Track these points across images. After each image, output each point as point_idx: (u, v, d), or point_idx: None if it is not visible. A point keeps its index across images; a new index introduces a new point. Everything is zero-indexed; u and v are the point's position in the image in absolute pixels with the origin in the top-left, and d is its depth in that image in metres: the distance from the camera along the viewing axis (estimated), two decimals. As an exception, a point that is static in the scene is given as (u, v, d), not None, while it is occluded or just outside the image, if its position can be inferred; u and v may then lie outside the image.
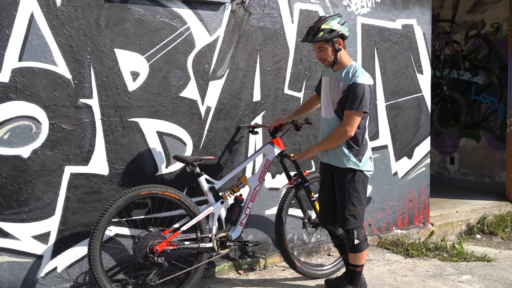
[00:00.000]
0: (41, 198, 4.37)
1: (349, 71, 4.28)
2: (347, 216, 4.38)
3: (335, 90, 4.34)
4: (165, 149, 4.90)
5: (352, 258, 4.53)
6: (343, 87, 4.26)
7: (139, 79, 4.72)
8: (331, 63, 4.33)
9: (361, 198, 4.42)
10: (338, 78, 4.32)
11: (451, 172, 9.54)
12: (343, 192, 4.40)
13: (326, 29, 4.21)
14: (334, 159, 4.43)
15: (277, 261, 5.53)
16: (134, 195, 4.35)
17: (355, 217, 4.40)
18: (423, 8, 6.53)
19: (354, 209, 4.38)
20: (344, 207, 4.39)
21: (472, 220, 7.17)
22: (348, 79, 4.24)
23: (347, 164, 4.36)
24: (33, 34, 4.25)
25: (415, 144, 6.63)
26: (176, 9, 4.85)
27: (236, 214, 4.81)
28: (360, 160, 4.37)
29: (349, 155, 4.35)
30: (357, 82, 4.20)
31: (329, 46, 4.25)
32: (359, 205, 4.40)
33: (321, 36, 4.20)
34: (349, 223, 4.40)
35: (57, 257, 4.48)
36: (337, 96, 4.33)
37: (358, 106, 4.19)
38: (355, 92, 4.19)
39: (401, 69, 6.41)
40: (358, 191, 4.39)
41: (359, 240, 4.43)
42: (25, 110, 4.25)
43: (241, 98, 5.27)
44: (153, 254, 4.33)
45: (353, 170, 4.37)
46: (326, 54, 4.28)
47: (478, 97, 8.97)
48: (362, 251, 4.49)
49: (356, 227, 4.42)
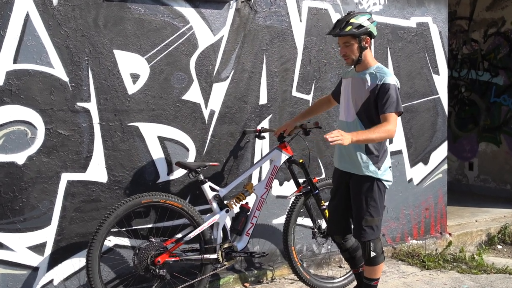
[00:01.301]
0: (37, 207, 4.40)
1: (375, 72, 4.23)
2: (364, 227, 4.33)
3: (360, 91, 4.26)
4: (167, 155, 4.93)
5: (367, 271, 4.49)
6: (371, 87, 4.19)
7: (139, 81, 4.76)
8: (354, 61, 4.26)
9: (379, 208, 4.34)
10: (363, 78, 4.25)
11: (469, 178, 9.53)
12: (360, 201, 4.33)
13: (355, 23, 4.15)
14: (351, 166, 4.36)
15: (285, 273, 5.54)
16: (135, 204, 4.38)
17: (372, 228, 4.34)
18: (439, 5, 6.55)
19: (371, 219, 4.32)
20: (361, 218, 4.33)
21: (493, 230, 7.16)
22: (376, 79, 4.18)
23: (365, 171, 4.28)
24: (29, 35, 4.29)
25: (431, 149, 6.64)
26: (178, 8, 4.89)
27: (242, 223, 4.83)
28: (379, 168, 4.29)
29: (368, 162, 4.27)
30: (388, 82, 4.15)
31: (355, 42, 4.19)
32: (377, 215, 4.33)
33: (349, 30, 4.14)
34: (366, 234, 4.34)
35: (54, 269, 4.51)
36: (362, 97, 4.24)
37: (396, 107, 4.14)
38: (390, 94, 4.13)
39: (416, 69, 6.42)
40: (376, 200, 4.31)
41: (375, 253, 4.37)
42: (20, 115, 4.29)
43: (246, 101, 5.30)
44: (155, 265, 4.36)
45: (371, 179, 4.29)
46: (351, 51, 4.22)
47: (498, 99, 8.96)
48: (379, 264, 4.44)
49: (373, 239, 4.37)
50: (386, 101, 4.12)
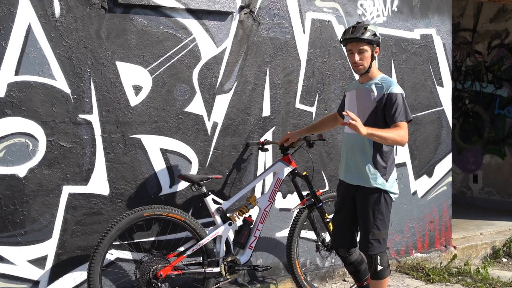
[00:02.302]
0: (38, 219, 4.37)
1: (381, 82, 4.25)
2: (371, 240, 4.28)
3: (366, 102, 4.27)
4: (169, 167, 4.91)
5: (373, 286, 4.43)
6: (378, 97, 4.20)
7: (141, 93, 4.74)
8: (365, 69, 4.24)
9: (386, 221, 4.30)
10: (369, 89, 4.25)
11: (474, 191, 9.48)
12: (367, 214, 4.28)
13: (372, 30, 4.19)
14: (358, 178, 4.30)
15: (288, 287, 5.49)
16: (137, 217, 4.36)
17: (379, 242, 4.29)
18: (443, 16, 6.54)
19: (378, 233, 4.28)
20: (368, 231, 4.27)
21: (498, 243, 7.11)
22: (383, 89, 4.19)
23: (373, 183, 4.23)
24: (31, 46, 4.28)
25: (435, 161, 6.61)
26: (181, 20, 4.88)
27: (245, 236, 4.80)
28: (386, 180, 4.26)
29: (376, 174, 4.23)
30: (395, 92, 4.17)
31: (370, 49, 4.20)
32: (384, 228, 4.29)
33: (368, 36, 4.16)
34: (373, 247, 4.29)
35: (55, 282, 4.47)
36: (369, 107, 4.24)
37: (406, 115, 4.18)
38: (398, 103, 4.15)
39: (420, 81, 6.40)
40: (383, 213, 4.26)
41: (382, 266, 4.32)
42: (21, 127, 4.27)
43: (249, 113, 5.28)
44: (157, 279, 4.32)
45: (379, 191, 4.25)
46: (365, 58, 4.21)
47: (502, 111, 8.93)
48: (385, 278, 4.38)
49: (380, 252, 4.32)
50: (395, 111, 4.13)
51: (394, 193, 4.33)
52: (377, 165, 4.24)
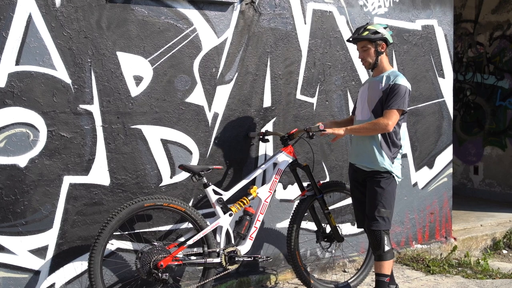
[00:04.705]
0: (39, 210, 4.38)
1: (390, 75, 4.60)
2: (377, 216, 4.57)
3: (375, 91, 4.63)
4: (170, 158, 4.91)
5: (379, 267, 4.63)
6: (384, 87, 4.56)
7: (142, 83, 4.74)
8: (371, 65, 4.65)
9: (391, 202, 4.63)
10: (378, 81, 4.63)
11: (475, 183, 9.49)
12: (374, 192, 4.60)
13: (371, 29, 4.59)
14: (367, 161, 4.63)
15: (288, 277, 5.51)
16: (138, 207, 4.36)
17: (384, 219, 4.58)
18: (445, 7, 6.52)
19: (384, 211, 4.57)
20: (374, 207, 4.57)
21: (498, 234, 7.13)
22: (389, 81, 4.56)
23: (381, 164, 4.57)
24: (31, 36, 4.28)
25: (436, 153, 6.61)
26: (181, 10, 4.87)
27: (245, 227, 4.80)
28: (393, 163, 4.63)
29: (384, 156, 4.58)
30: (399, 83, 4.52)
31: (372, 46, 4.59)
32: (389, 207, 4.60)
33: (366, 35, 4.56)
34: (379, 224, 4.56)
35: (56, 272, 4.49)
36: (376, 96, 4.60)
37: (398, 104, 4.49)
38: (397, 92, 4.50)
39: (421, 72, 6.40)
40: (389, 193, 4.60)
41: (389, 247, 4.58)
42: (22, 117, 4.27)
43: (250, 104, 5.28)
44: (157, 269, 4.33)
45: (386, 172, 4.60)
46: (368, 54, 4.61)
47: (503, 102, 8.93)
48: (391, 259, 4.63)
49: (384, 230, 4.58)
50: (391, 98, 4.51)
51: (398, 176, 4.66)
52: (384, 149, 4.60)
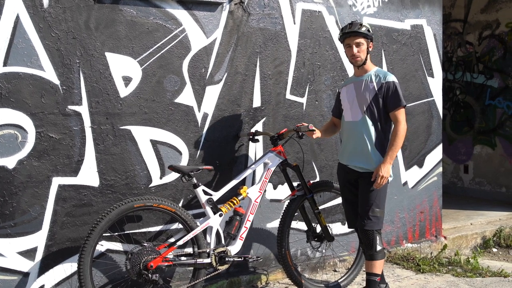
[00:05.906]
0: (27, 211, 4.36)
1: (377, 73, 4.67)
2: (370, 216, 4.61)
3: (365, 91, 4.65)
4: (160, 158, 4.90)
5: (370, 266, 4.67)
6: (377, 85, 4.61)
7: (131, 84, 4.73)
8: (362, 61, 4.65)
9: (384, 202, 4.69)
10: (367, 80, 4.67)
11: (465, 181, 9.53)
12: (368, 193, 4.62)
13: (367, 26, 4.66)
14: (363, 161, 4.66)
15: (279, 277, 5.52)
16: (127, 208, 4.35)
17: (378, 219, 4.62)
18: (434, 7, 6.55)
19: (378, 210, 4.62)
20: (368, 207, 4.61)
21: (488, 233, 7.16)
22: (380, 79, 4.62)
23: (376, 164, 4.59)
24: (19, 37, 4.26)
25: (426, 152, 6.64)
26: (170, 10, 4.87)
27: (235, 227, 4.80)
28: None
29: (378, 156, 4.62)
30: (392, 80, 4.61)
31: (366, 43, 4.64)
32: (382, 207, 4.66)
33: (364, 30, 4.59)
34: (372, 223, 4.60)
35: (45, 274, 4.47)
36: (369, 95, 4.63)
37: (401, 101, 4.58)
38: (395, 90, 4.58)
39: (410, 72, 6.42)
40: (382, 192, 4.65)
41: (380, 246, 4.63)
42: (10, 118, 4.26)
43: (240, 104, 5.28)
44: (147, 270, 4.32)
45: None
46: (362, 51, 4.63)
47: (493, 101, 8.97)
48: (382, 259, 4.69)
49: (377, 230, 4.62)
50: (391, 98, 4.57)
51: (390, 175, 4.66)
52: (379, 149, 4.63)
